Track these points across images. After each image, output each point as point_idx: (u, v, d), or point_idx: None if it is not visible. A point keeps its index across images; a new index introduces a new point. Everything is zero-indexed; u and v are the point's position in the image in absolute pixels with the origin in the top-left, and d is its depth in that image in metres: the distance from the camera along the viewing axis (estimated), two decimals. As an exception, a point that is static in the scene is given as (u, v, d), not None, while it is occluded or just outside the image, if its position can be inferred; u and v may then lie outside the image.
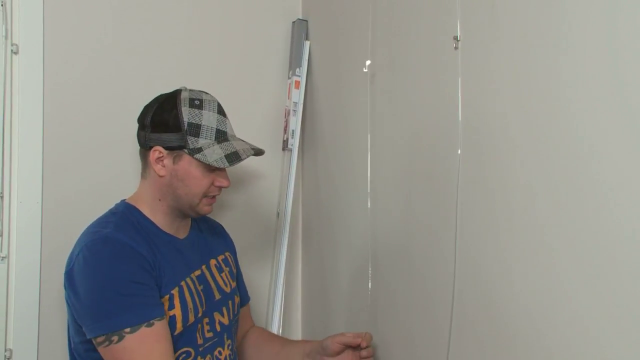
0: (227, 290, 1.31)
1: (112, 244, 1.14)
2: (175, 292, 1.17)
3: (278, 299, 1.62)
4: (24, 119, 1.38)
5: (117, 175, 1.47)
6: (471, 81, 1.11)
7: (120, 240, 1.15)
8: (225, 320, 1.28)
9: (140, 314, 1.09)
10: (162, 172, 1.22)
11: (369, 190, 1.39)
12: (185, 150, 1.20)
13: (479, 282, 1.09)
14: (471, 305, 1.11)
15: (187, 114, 1.20)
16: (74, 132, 1.44)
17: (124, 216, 1.22)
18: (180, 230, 1.29)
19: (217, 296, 1.28)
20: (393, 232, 1.35)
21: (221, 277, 1.32)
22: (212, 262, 1.32)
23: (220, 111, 1.25)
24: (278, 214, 1.71)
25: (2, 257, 1.36)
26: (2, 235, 1.36)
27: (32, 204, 1.38)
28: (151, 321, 1.10)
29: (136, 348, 1.09)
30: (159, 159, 1.21)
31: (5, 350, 1.35)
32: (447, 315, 1.15)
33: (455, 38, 1.13)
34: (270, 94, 1.72)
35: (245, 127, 1.66)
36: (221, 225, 1.47)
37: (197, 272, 1.26)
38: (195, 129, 1.20)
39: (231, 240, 1.46)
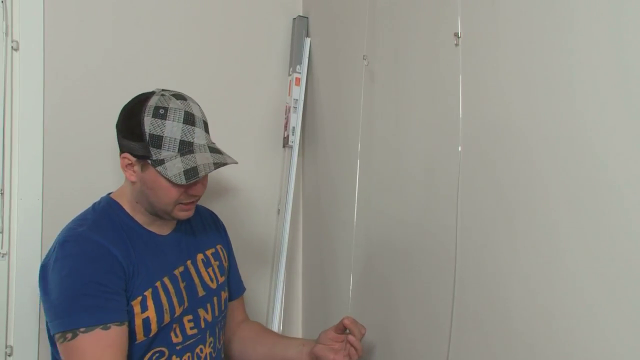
0: (213, 286, 1.30)
1: (85, 243, 1.14)
2: (148, 293, 1.16)
3: (278, 296, 1.62)
4: (24, 115, 1.38)
5: (117, 172, 1.45)
6: (472, 78, 1.11)
7: (94, 240, 1.14)
8: (209, 317, 1.27)
9: (98, 316, 1.08)
10: (132, 178, 1.20)
11: (356, 189, 1.39)
12: (149, 161, 1.16)
13: (479, 281, 1.09)
14: (472, 304, 1.11)
15: (148, 125, 1.15)
16: (74, 129, 1.44)
17: (104, 212, 1.21)
18: (165, 227, 1.27)
19: (201, 293, 1.27)
20: (393, 229, 1.35)
21: (207, 272, 1.30)
22: (199, 256, 1.31)
23: (188, 120, 1.16)
24: (279, 210, 1.71)
25: (3, 253, 1.36)
26: (2, 232, 1.36)
27: (32, 200, 1.38)
28: (108, 324, 1.08)
29: (87, 348, 1.07)
30: (129, 165, 1.19)
31: (6, 347, 1.35)
32: (447, 313, 1.15)
33: (456, 34, 1.13)
34: (271, 90, 1.72)
35: (245, 124, 1.68)
36: (214, 215, 1.45)
37: (181, 269, 1.25)
38: (157, 141, 1.14)
39: (224, 230, 1.44)
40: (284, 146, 1.72)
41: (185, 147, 1.16)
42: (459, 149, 1.13)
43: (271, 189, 1.73)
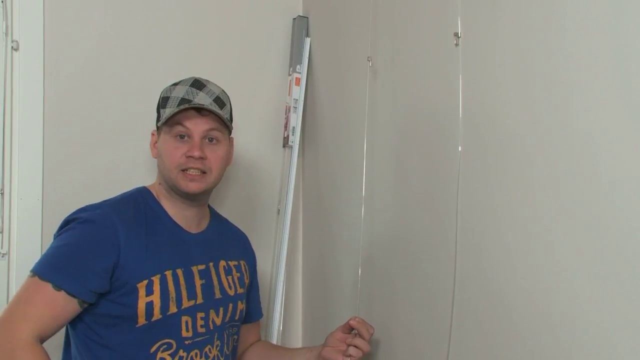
0: (231, 293, 1.30)
1: (94, 213, 1.17)
2: (155, 278, 1.17)
3: (278, 296, 1.62)
4: (24, 115, 1.38)
5: (117, 171, 1.47)
6: (472, 78, 1.11)
7: (105, 213, 1.17)
8: (218, 321, 1.26)
9: (58, 276, 1.10)
10: (154, 154, 1.27)
11: (363, 189, 1.39)
12: (158, 124, 1.24)
13: (480, 280, 1.09)
14: (472, 303, 1.11)
15: (163, 92, 1.26)
16: (74, 129, 1.45)
17: (132, 197, 1.24)
18: (193, 225, 1.29)
19: (218, 295, 1.27)
20: (393, 229, 1.35)
21: (227, 279, 1.31)
22: (222, 263, 1.32)
23: (195, 85, 1.24)
24: (279, 210, 1.71)
25: (3, 253, 1.36)
26: (2, 232, 1.36)
27: (32, 200, 1.38)
28: (60, 288, 1.10)
29: (31, 289, 1.11)
30: (156, 144, 1.27)
31: (6, 347, 1.35)
32: (447, 311, 1.15)
33: (456, 34, 1.13)
34: (271, 90, 1.73)
35: (245, 124, 1.67)
36: (246, 237, 1.47)
37: (201, 267, 1.26)
38: (164, 101, 1.24)
39: (253, 254, 1.45)
40: (284, 146, 1.72)
41: (184, 102, 1.22)
42: (459, 149, 1.13)
43: (271, 189, 1.73)
